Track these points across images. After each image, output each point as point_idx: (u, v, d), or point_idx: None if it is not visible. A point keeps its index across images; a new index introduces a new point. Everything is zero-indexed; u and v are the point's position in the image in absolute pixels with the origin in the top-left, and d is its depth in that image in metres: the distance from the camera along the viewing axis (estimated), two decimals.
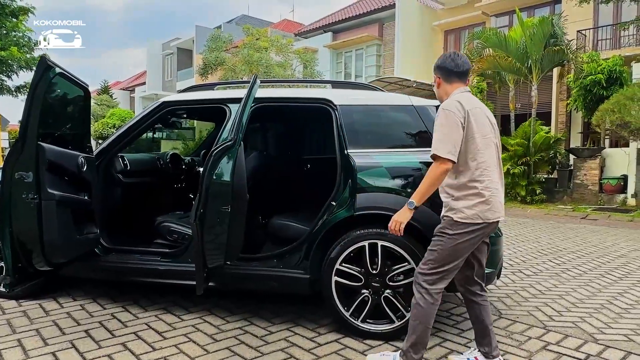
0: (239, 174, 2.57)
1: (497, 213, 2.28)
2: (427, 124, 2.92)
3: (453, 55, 2.41)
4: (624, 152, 11.23)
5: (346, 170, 2.87)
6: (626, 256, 5.54)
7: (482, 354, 2.47)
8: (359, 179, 2.81)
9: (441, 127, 2.21)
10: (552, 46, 10.83)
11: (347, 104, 3.02)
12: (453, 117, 2.19)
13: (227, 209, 2.51)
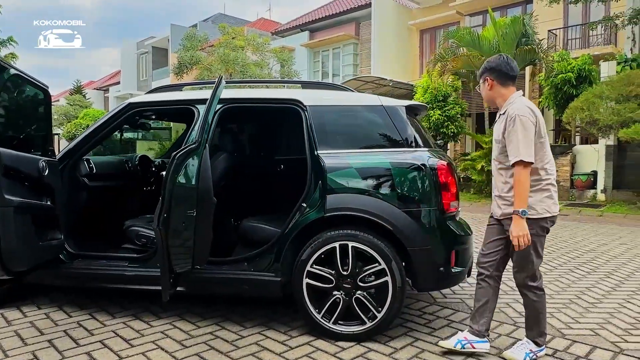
0: (204, 177, 2.52)
1: (558, 206, 2.53)
2: (396, 124, 2.92)
3: (507, 58, 2.54)
4: (594, 148, 11.53)
5: (316, 172, 2.85)
6: (595, 251, 5.68)
7: (535, 344, 2.57)
8: (329, 180, 2.79)
9: (521, 133, 2.35)
10: (524, 45, 11.03)
11: (317, 104, 3.00)
12: (529, 123, 2.36)
13: (193, 213, 2.46)
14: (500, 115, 2.55)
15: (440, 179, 2.75)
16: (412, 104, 3.05)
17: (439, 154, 3.04)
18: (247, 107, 3.30)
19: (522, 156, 2.32)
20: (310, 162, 2.91)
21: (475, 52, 11.68)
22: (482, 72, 2.60)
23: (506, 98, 2.53)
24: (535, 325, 2.56)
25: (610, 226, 8.07)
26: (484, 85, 2.60)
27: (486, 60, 2.64)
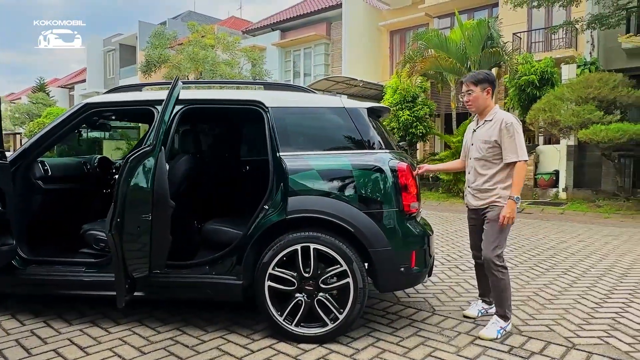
0: (160, 180, 2.47)
1: None
2: (358, 126, 2.94)
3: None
4: (556, 148, 11.91)
5: (278, 173, 2.84)
6: (554, 248, 5.87)
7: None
8: (291, 182, 2.79)
9: (518, 136, 2.86)
10: (489, 48, 11.29)
11: (279, 105, 2.98)
12: (520, 127, 2.91)
13: (148, 217, 2.41)
14: (486, 122, 2.99)
15: (400, 180, 2.78)
16: (373, 106, 3.08)
17: (401, 156, 3.08)
18: (208, 108, 3.26)
19: (524, 156, 2.85)
20: (272, 164, 2.89)
21: (442, 54, 11.88)
22: (483, 82, 2.98)
23: (491, 107, 3.02)
24: (504, 301, 2.94)
25: (570, 224, 8.35)
26: (482, 94, 2.98)
27: (483, 72, 3.05)
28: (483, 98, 2.99)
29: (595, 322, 3.19)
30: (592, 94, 9.27)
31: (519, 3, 11.74)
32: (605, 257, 5.33)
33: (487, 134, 2.95)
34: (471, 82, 2.99)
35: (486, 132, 2.96)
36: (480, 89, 2.96)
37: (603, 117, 9.04)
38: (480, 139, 2.99)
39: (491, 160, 2.96)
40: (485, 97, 2.98)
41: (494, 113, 3.00)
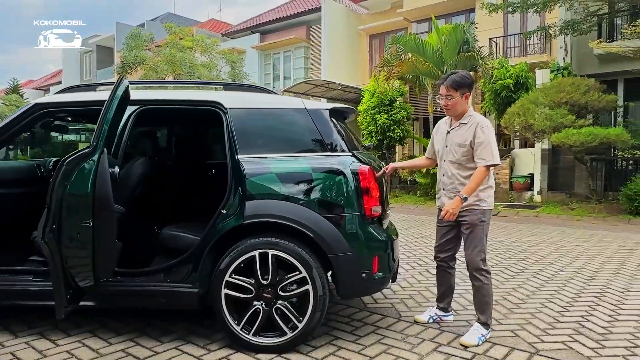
0: (102, 184, 2.34)
1: None
2: (320, 128, 2.86)
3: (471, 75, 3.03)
4: (531, 152, 12.06)
5: (236, 177, 2.74)
6: (526, 251, 5.89)
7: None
8: (249, 186, 2.69)
9: (492, 141, 2.84)
10: (465, 52, 11.38)
11: (238, 107, 2.88)
12: (494, 133, 2.89)
13: (89, 223, 2.28)
14: (462, 124, 2.93)
15: (362, 183, 2.71)
16: (337, 107, 3.00)
17: (368, 157, 3.01)
18: (166, 109, 3.14)
19: (495, 160, 2.81)
20: (231, 167, 2.79)
21: (419, 58, 11.93)
22: (463, 87, 2.89)
23: (467, 110, 2.96)
24: (486, 307, 2.92)
25: (544, 226, 8.43)
26: (462, 100, 2.90)
27: (461, 75, 2.94)
28: (461, 103, 2.92)
29: (560, 326, 3.17)
30: (564, 99, 9.40)
31: (493, 9, 11.89)
32: (575, 260, 5.35)
33: (463, 137, 2.90)
34: (451, 87, 2.90)
35: (461, 136, 2.91)
36: (460, 94, 2.90)
37: (575, 121, 9.18)
38: (455, 142, 2.94)
39: (465, 164, 2.91)
40: (464, 101, 2.92)
41: (469, 116, 2.94)
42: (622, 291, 4.03)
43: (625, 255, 5.59)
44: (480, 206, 2.88)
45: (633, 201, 8.97)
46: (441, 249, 3.14)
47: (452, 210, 2.82)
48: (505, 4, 12.44)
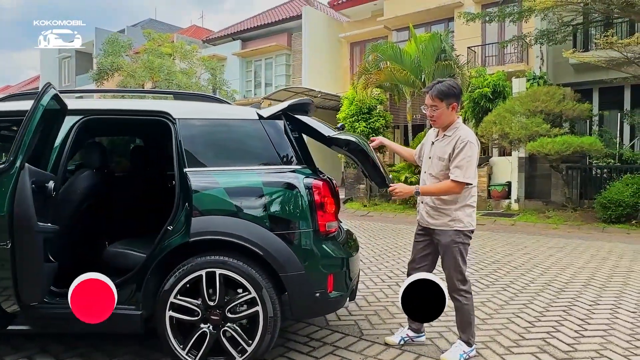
0: (21, 203, 2.17)
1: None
2: (273, 139, 2.73)
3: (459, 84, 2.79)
4: (508, 160, 12.11)
5: (183, 191, 2.60)
6: (499, 262, 5.82)
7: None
8: (196, 201, 2.54)
9: (471, 159, 2.63)
10: (442, 61, 11.40)
11: (187, 117, 2.74)
12: (476, 149, 2.67)
13: (6, 245, 2.11)
14: (445, 136, 2.75)
15: (315, 198, 2.58)
16: (293, 104, 2.83)
17: (320, 172, 2.89)
18: (112, 120, 2.98)
19: (468, 179, 2.63)
20: (178, 180, 2.65)
21: (397, 66, 11.92)
22: (450, 97, 2.69)
23: (454, 121, 2.76)
24: (467, 326, 2.79)
25: (519, 235, 8.41)
26: (448, 110, 2.71)
27: (449, 84, 2.72)
28: (448, 114, 2.72)
29: (526, 343, 3.08)
30: (539, 107, 9.46)
31: (470, 18, 11.98)
32: (547, 271, 5.30)
33: (443, 151, 2.73)
34: (437, 97, 2.69)
35: (442, 149, 2.75)
36: (446, 104, 2.69)
37: (550, 130, 9.22)
38: (437, 155, 2.78)
39: (442, 180, 2.74)
40: (450, 112, 2.72)
41: (454, 128, 2.74)
42: (590, 304, 3.97)
43: (596, 266, 5.57)
44: (454, 227, 2.72)
45: (607, 209, 9.02)
46: (414, 266, 2.95)
47: (399, 191, 2.73)
48: (482, 13, 12.57)
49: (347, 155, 2.96)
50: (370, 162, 2.77)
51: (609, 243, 7.46)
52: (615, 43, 8.71)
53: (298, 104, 2.85)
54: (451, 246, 2.73)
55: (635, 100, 12.37)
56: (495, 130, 9.87)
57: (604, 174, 10.77)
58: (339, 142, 2.76)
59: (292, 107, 2.83)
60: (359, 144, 2.74)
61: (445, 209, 2.75)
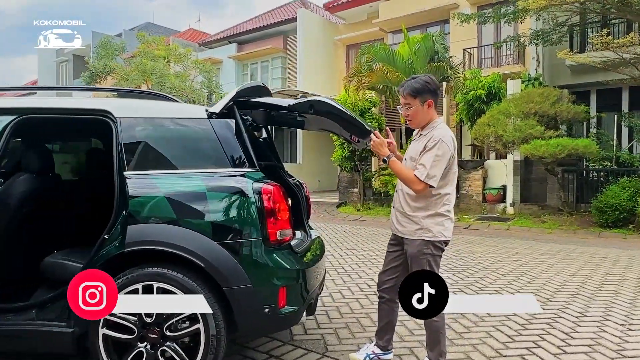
0: None
1: (451, 232, 2.57)
2: (222, 139, 2.51)
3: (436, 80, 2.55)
4: (503, 163, 11.86)
5: (122, 197, 2.38)
6: (487, 269, 5.58)
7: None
8: (132, 208, 2.33)
9: (438, 159, 2.39)
10: (435, 62, 11.19)
11: (129, 116, 2.53)
12: (449, 151, 2.42)
13: None
14: (422, 135, 2.55)
15: (265, 204, 2.36)
16: (241, 90, 2.61)
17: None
18: (51, 119, 2.76)
19: (430, 180, 2.38)
20: (118, 185, 2.43)
21: (390, 68, 11.71)
22: (424, 93, 2.48)
23: (433, 120, 2.54)
24: (435, 345, 2.54)
25: (513, 240, 8.17)
26: (423, 108, 2.50)
27: (423, 80, 2.51)
28: (424, 112, 2.50)
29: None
30: (533, 109, 9.23)
31: (465, 19, 11.78)
32: (536, 278, 5.06)
33: (415, 150, 2.53)
34: (409, 94, 2.49)
35: (415, 148, 2.54)
36: (420, 101, 2.48)
37: (544, 132, 8.99)
38: (409, 155, 2.58)
39: None
40: (426, 110, 2.50)
41: (432, 127, 2.52)
42: (577, 316, 3.72)
43: (587, 274, 5.32)
44: (422, 237, 2.48)
45: (603, 213, 8.77)
46: (384, 278, 2.72)
47: (375, 143, 2.52)
48: (477, 14, 12.37)
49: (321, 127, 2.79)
50: (344, 117, 2.61)
51: (604, 249, 7.20)
52: (611, 43, 8.49)
53: (248, 88, 2.64)
54: (418, 257, 2.49)
55: (633, 102, 12.12)
56: (489, 132, 9.63)
57: (600, 177, 10.52)
58: (303, 107, 2.55)
59: (243, 92, 2.61)
60: (324, 101, 2.54)
61: (413, 216, 2.53)
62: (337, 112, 2.60)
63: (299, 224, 3.43)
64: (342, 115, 2.61)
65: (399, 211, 2.61)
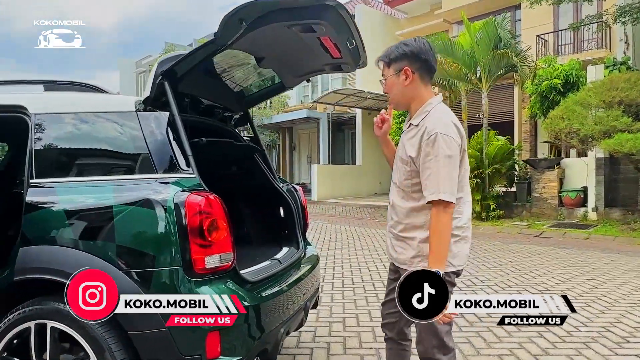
0: None
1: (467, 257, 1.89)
2: (148, 138, 1.98)
3: (431, 45, 1.84)
4: (584, 162, 10.34)
5: (19, 212, 1.93)
6: (550, 290, 4.58)
7: None
8: (26, 225, 1.87)
9: (444, 160, 1.68)
10: (499, 50, 10.02)
11: (46, 112, 2.08)
12: (454, 145, 1.71)
13: None
14: (412, 126, 1.84)
15: (187, 221, 1.78)
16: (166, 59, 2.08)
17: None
18: None
19: (442, 194, 1.67)
20: (25, 196, 1.98)
21: (449, 59, 10.71)
22: (397, 58, 1.81)
23: (424, 101, 1.83)
24: None
25: (591, 252, 6.90)
26: (397, 79, 1.82)
27: (401, 42, 1.87)
28: (399, 86, 1.82)
29: None
30: (617, 98, 7.82)
31: (536, 0, 10.44)
32: (611, 307, 4.01)
33: (405, 147, 1.85)
34: (385, 63, 1.87)
35: (406, 143, 1.85)
36: (395, 70, 1.82)
37: (632, 124, 7.56)
38: (399, 156, 1.90)
39: (410, 192, 1.83)
40: (403, 83, 1.81)
41: (423, 113, 1.81)
42: None
43: None
44: (419, 266, 1.79)
45: None
46: (385, 311, 2.05)
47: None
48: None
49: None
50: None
51: None
52: None
53: (173, 56, 2.09)
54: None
55: None
56: (563, 126, 8.34)
57: None
58: (229, 29, 1.90)
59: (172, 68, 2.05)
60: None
61: (408, 238, 1.84)
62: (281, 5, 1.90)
63: (290, 237, 2.86)
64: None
65: (392, 232, 1.93)
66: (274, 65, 2.64)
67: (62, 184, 1.93)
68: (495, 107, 13.66)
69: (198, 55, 2.03)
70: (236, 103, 2.94)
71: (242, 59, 2.58)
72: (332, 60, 2.54)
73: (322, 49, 2.37)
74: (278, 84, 2.91)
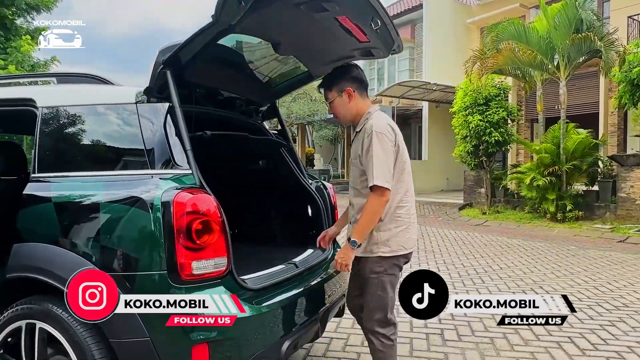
0: None
1: (414, 241, 2.18)
2: (145, 131, 1.85)
3: (357, 65, 2.24)
4: None
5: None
6: (629, 307, 3.97)
7: None
8: (20, 220, 1.82)
9: (378, 153, 2.01)
10: (580, 34, 9.03)
11: (52, 104, 2.03)
12: (388, 141, 2.05)
13: None
14: (357, 133, 2.19)
15: (173, 222, 1.63)
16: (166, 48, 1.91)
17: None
18: None
19: (378, 180, 1.96)
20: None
21: (521, 46, 9.86)
22: (338, 81, 2.17)
23: (365, 111, 2.19)
24: None
25: None
26: (341, 99, 2.16)
27: (337, 67, 2.24)
28: (344, 104, 2.16)
29: None
30: None
31: None
32: None
33: (355, 153, 2.17)
34: (325, 88, 2.22)
35: (353, 151, 2.19)
36: (337, 92, 2.15)
37: None
38: (351, 159, 2.25)
39: (361, 190, 2.12)
40: (347, 101, 2.15)
41: (365, 120, 2.15)
42: None
43: None
44: (374, 252, 2.06)
45: None
46: (348, 300, 2.38)
47: (342, 261, 2.04)
48: None
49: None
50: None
51: None
52: None
53: (170, 45, 1.91)
54: (370, 277, 2.09)
55: None
56: None
57: None
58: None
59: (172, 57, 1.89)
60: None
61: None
62: None
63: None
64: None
65: (351, 223, 2.21)
66: (294, 52, 2.42)
67: (57, 178, 1.87)
68: (577, 98, 12.43)
69: (199, 40, 1.85)
70: (261, 94, 2.76)
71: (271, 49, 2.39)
72: (360, 45, 2.28)
73: (344, 31, 2.12)
74: (305, 73, 2.70)
